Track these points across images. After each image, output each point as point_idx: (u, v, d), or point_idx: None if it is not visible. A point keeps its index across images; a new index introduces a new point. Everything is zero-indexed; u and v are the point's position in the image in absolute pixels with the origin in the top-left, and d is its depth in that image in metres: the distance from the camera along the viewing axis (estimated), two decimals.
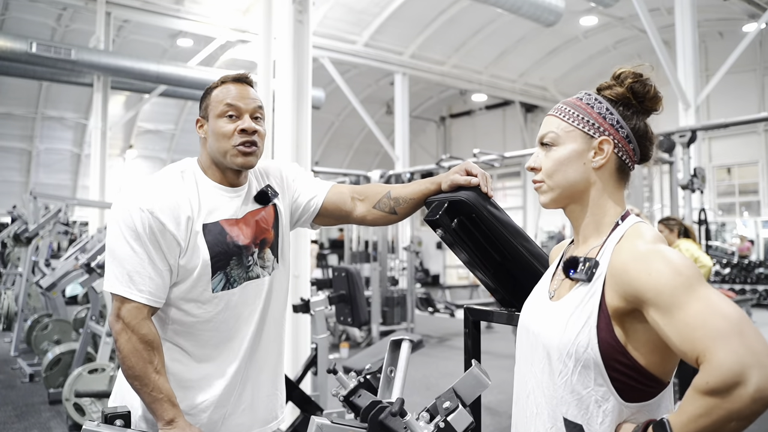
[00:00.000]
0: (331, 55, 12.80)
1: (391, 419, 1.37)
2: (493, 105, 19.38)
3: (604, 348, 1.11)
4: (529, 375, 1.26)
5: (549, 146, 1.27)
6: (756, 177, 14.38)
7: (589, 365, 1.12)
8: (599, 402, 1.12)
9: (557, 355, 1.16)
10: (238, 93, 1.63)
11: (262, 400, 1.73)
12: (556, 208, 1.30)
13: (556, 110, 1.29)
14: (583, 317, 1.14)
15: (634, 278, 1.07)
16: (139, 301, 1.52)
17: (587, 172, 1.23)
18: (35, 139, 16.80)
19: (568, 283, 1.22)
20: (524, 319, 1.32)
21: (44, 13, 12.46)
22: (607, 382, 1.11)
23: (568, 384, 1.15)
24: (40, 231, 7.37)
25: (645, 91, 1.24)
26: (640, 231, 1.17)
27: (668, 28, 10.22)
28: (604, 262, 1.15)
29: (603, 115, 1.23)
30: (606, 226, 1.23)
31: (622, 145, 1.23)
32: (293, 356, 4.46)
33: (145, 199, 1.54)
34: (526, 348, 1.29)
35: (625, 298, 1.09)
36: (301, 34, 4.74)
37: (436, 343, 8.87)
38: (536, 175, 1.29)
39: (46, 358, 5.36)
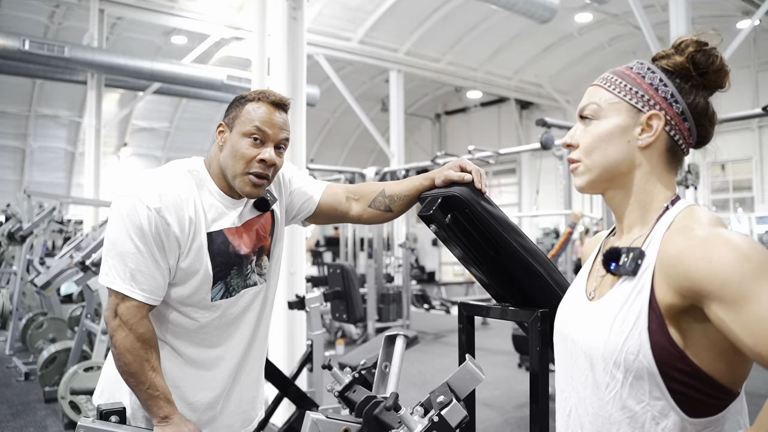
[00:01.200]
0: (325, 52, 12.78)
1: (386, 414, 1.38)
2: (488, 102, 19.38)
3: (659, 354, 0.93)
4: (570, 390, 1.11)
5: (589, 120, 1.10)
6: (750, 173, 14.42)
7: (642, 375, 0.94)
8: (656, 419, 0.95)
9: (602, 364, 0.99)
10: (271, 118, 1.56)
11: (248, 402, 1.75)
12: (593, 192, 1.14)
13: (601, 80, 1.12)
14: (630, 318, 0.96)
15: (692, 268, 0.90)
16: (140, 300, 1.50)
17: (632, 151, 1.06)
18: (29, 138, 16.73)
19: (609, 279, 1.06)
20: (560, 325, 1.16)
21: (37, 11, 12.41)
22: (665, 394, 0.94)
23: (617, 399, 0.98)
24: (34, 229, 7.35)
25: (709, 62, 1.06)
26: (695, 214, 1.01)
27: (663, 24, 10.23)
28: (652, 252, 0.99)
29: (655, 87, 1.06)
30: (653, 213, 1.06)
31: (675, 122, 1.05)
32: (288, 353, 4.46)
33: (153, 196, 1.49)
34: (565, 358, 1.13)
35: (681, 293, 0.92)
36: (295, 31, 4.74)
37: (432, 339, 8.88)
38: (572, 152, 1.13)
39: (42, 356, 5.35)
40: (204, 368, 1.64)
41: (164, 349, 1.61)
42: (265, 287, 1.71)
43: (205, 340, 1.63)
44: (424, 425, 1.23)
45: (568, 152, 1.16)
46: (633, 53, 15.00)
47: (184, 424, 1.53)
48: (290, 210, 1.82)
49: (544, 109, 17.46)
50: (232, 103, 1.62)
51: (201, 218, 1.56)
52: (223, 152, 1.59)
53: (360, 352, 3.76)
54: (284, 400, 3.24)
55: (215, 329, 1.63)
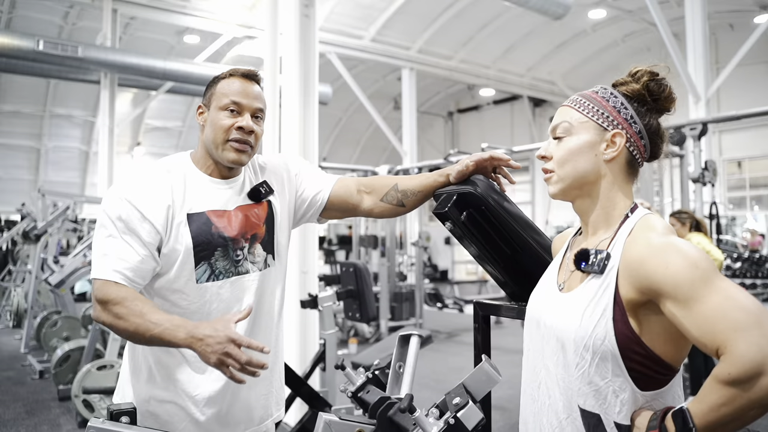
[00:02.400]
0: (338, 51, 12.77)
1: (400, 415, 1.35)
2: (501, 99, 19.30)
3: (621, 339, 1.12)
4: (540, 366, 1.27)
5: (561, 136, 1.28)
6: (767, 171, 14.26)
7: (607, 357, 1.13)
8: (617, 392, 1.13)
9: (573, 347, 1.17)
10: (243, 89, 1.64)
11: (258, 399, 1.72)
12: (564, 199, 1.31)
13: (571, 101, 1.31)
14: (598, 310, 1.15)
15: (651, 271, 1.08)
16: (103, 278, 1.50)
17: (598, 163, 1.24)
18: (43, 137, 16.86)
19: (578, 274, 1.23)
20: (533, 311, 1.33)
21: (51, 11, 12.48)
22: (624, 372, 1.13)
23: (585, 376, 1.16)
24: (48, 228, 7.39)
25: (660, 90, 1.26)
26: (651, 223, 1.18)
27: (678, 20, 10.14)
28: (616, 255, 1.17)
29: (618, 109, 1.25)
30: (616, 218, 1.24)
31: (634, 140, 1.24)
32: (301, 352, 4.45)
33: (125, 188, 1.57)
34: (536, 340, 1.30)
35: (641, 291, 1.11)
36: (307, 29, 4.72)
37: (445, 338, 8.85)
38: (546, 163, 1.30)
39: (56, 354, 5.37)
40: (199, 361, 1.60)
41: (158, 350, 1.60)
42: (260, 277, 1.68)
43: None
44: (439, 428, 1.21)
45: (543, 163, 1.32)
46: (647, 50, 14.88)
47: (210, 322, 1.44)
48: (301, 204, 1.81)
49: (557, 107, 17.05)
50: (208, 85, 1.69)
51: (181, 203, 1.59)
52: (205, 131, 1.66)
53: (373, 351, 3.73)
54: (297, 399, 3.22)
55: (206, 316, 1.60)
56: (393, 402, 1.39)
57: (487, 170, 1.61)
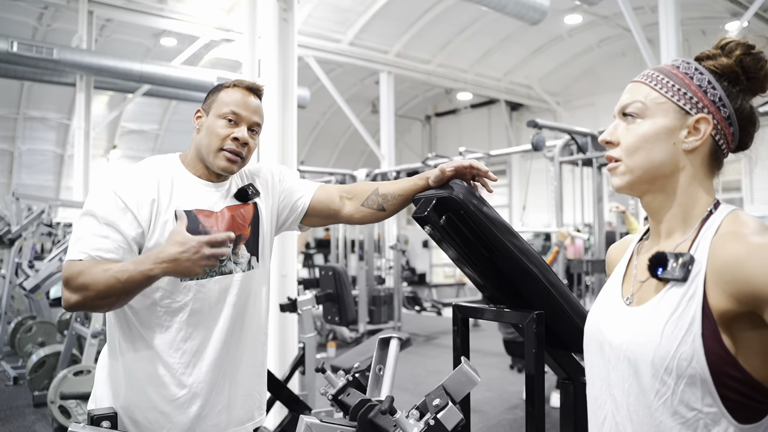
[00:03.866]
0: (316, 54, 12.76)
1: (381, 417, 1.36)
2: (478, 104, 19.39)
3: (712, 360, 0.92)
4: (605, 396, 1.08)
5: (633, 118, 1.07)
6: (739, 174, 14.51)
7: (695, 382, 0.94)
8: (708, 426, 0.94)
9: (651, 371, 0.97)
10: (244, 102, 1.68)
11: (238, 400, 1.72)
12: (631, 193, 1.11)
13: (645, 77, 1.09)
14: (683, 324, 0.95)
15: (753, 275, 0.89)
16: (72, 258, 1.49)
17: (676, 153, 1.04)
18: (17, 140, 16.58)
19: (653, 284, 1.03)
20: (594, 331, 1.13)
21: (25, 12, 12.30)
22: (716, 401, 0.93)
23: (667, 405, 0.96)
24: (23, 232, 7.27)
25: (758, 67, 1.04)
26: (743, 219, 0.99)
27: (652, 26, 10.28)
28: (701, 258, 0.97)
29: (704, 89, 1.04)
30: (696, 217, 1.04)
31: (721, 126, 1.04)
32: (280, 356, 4.44)
33: (112, 180, 1.60)
34: (600, 365, 1.10)
35: (738, 299, 0.92)
36: (286, 33, 4.72)
37: (423, 341, 8.88)
38: (611, 150, 1.09)
39: (31, 360, 5.30)
40: (180, 364, 1.61)
41: (139, 342, 1.60)
42: (242, 277, 1.69)
43: (180, 329, 1.61)
44: (419, 429, 1.22)
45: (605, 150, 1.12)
46: (622, 55, 15.07)
47: (172, 239, 1.45)
48: (283, 209, 1.83)
49: (534, 111, 17.50)
50: (210, 91, 1.74)
51: (167, 199, 1.60)
52: (200, 134, 1.70)
53: (352, 354, 3.74)
54: (277, 403, 3.22)
55: (189, 316, 1.61)
56: (373, 404, 1.40)
57: (466, 177, 1.63)
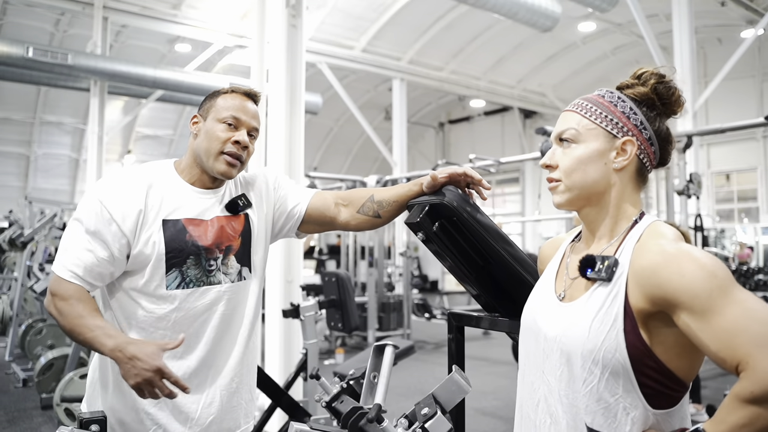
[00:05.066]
0: (329, 61, 12.81)
1: (369, 425, 1.35)
2: (491, 111, 19.39)
3: (633, 352, 1.05)
4: (540, 382, 1.20)
5: (568, 143, 1.21)
6: (755, 183, 14.36)
7: (618, 371, 1.06)
8: (627, 409, 1.06)
9: (581, 361, 1.09)
10: (244, 106, 1.69)
11: (227, 411, 1.72)
12: (570, 209, 1.24)
13: (575, 106, 1.23)
14: (608, 320, 1.08)
15: (665, 280, 1.02)
16: (59, 275, 1.55)
17: (608, 172, 1.17)
18: (33, 144, 16.77)
19: (582, 283, 1.16)
20: (531, 323, 1.25)
21: (42, 18, 12.46)
22: (635, 388, 1.06)
23: (593, 392, 1.09)
24: (35, 236, 7.35)
25: (669, 94, 1.19)
26: (661, 230, 1.13)
27: (666, 34, 10.24)
28: (625, 261, 1.10)
29: (627, 115, 1.18)
30: (622, 226, 1.18)
31: (644, 147, 1.18)
32: (284, 362, 4.43)
33: (101, 189, 1.60)
34: (535, 354, 1.22)
35: (653, 301, 1.04)
36: (294, 39, 4.74)
37: (432, 349, 8.84)
38: (552, 173, 1.22)
39: (39, 363, 5.33)
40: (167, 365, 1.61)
41: None
42: (231, 289, 1.69)
43: (165, 336, 1.61)
44: None
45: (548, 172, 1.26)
46: (636, 62, 14.95)
47: (137, 344, 1.45)
48: (279, 216, 1.82)
49: (547, 118, 17.44)
50: (206, 97, 1.73)
51: (155, 208, 1.61)
52: (198, 139, 1.69)
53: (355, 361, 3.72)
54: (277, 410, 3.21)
55: (174, 323, 1.61)
56: (364, 412, 1.39)
57: (460, 185, 1.61)
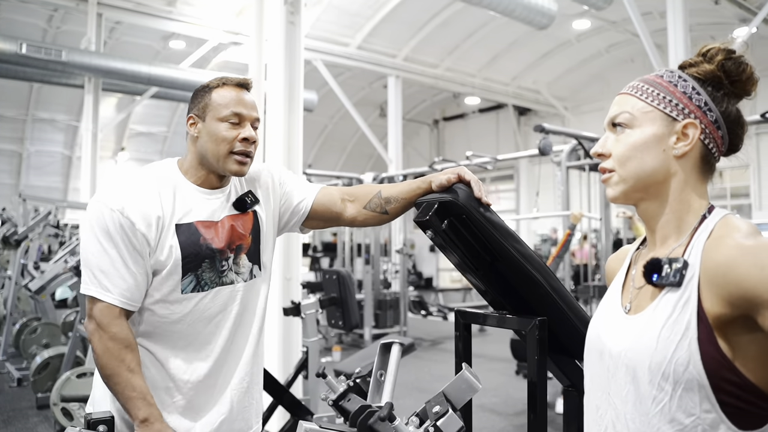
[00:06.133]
0: (324, 58, 12.78)
1: (380, 424, 1.34)
2: (486, 108, 19.38)
3: (709, 365, 0.92)
4: (606, 406, 1.08)
5: (622, 128, 1.09)
6: (747, 180, 14.42)
7: (692, 387, 0.93)
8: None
9: (649, 377, 0.97)
10: (241, 99, 1.62)
11: (240, 412, 1.71)
12: (626, 202, 1.12)
13: (631, 88, 1.11)
14: (678, 329, 0.95)
15: (744, 276, 0.90)
16: (108, 301, 1.51)
17: (667, 160, 1.06)
18: (26, 141, 16.69)
19: (649, 291, 1.04)
20: (595, 341, 1.14)
21: (35, 14, 12.38)
22: (715, 406, 0.93)
23: (665, 412, 0.96)
24: (29, 233, 7.31)
25: (740, 71, 1.06)
26: (734, 223, 1.00)
27: (661, 32, 10.24)
28: (695, 262, 0.98)
29: (689, 95, 1.06)
30: (689, 223, 1.05)
31: (709, 130, 1.06)
32: (284, 360, 4.43)
33: (115, 198, 1.53)
34: (600, 374, 1.10)
35: (731, 302, 0.92)
36: (293, 36, 4.72)
37: (429, 346, 8.85)
38: (605, 162, 1.11)
39: (35, 362, 5.30)
40: (179, 371, 1.60)
41: (142, 357, 1.58)
42: (245, 288, 1.67)
43: (179, 339, 1.60)
44: None
45: (599, 161, 1.14)
46: (631, 60, 15.02)
47: (164, 429, 1.51)
48: (284, 212, 1.80)
49: (542, 116, 17.46)
50: (197, 94, 1.66)
51: (169, 213, 1.57)
52: (200, 141, 1.62)
53: (356, 359, 3.72)
54: (278, 408, 3.20)
55: (188, 326, 1.60)
56: (373, 410, 1.38)
57: None
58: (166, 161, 1.69)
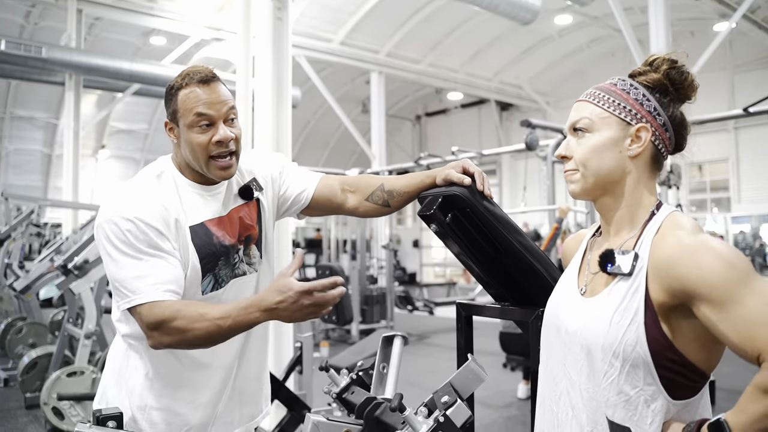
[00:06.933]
0: (307, 54, 12.74)
1: (389, 414, 1.36)
2: (468, 103, 19.45)
3: (653, 345, 1.06)
4: (561, 375, 1.22)
5: (582, 132, 1.21)
6: (726, 174, 14.63)
7: (638, 364, 1.07)
8: (648, 401, 1.08)
9: (601, 354, 1.10)
10: (207, 98, 1.51)
11: (249, 396, 1.73)
12: (586, 198, 1.25)
13: (588, 96, 1.23)
14: (628, 314, 1.09)
15: (683, 272, 1.03)
16: (152, 300, 1.42)
17: (623, 160, 1.18)
18: (4, 140, 16.47)
19: (603, 277, 1.17)
20: (552, 318, 1.27)
21: (12, 10, 12.21)
22: (656, 380, 1.07)
23: (614, 385, 1.10)
24: (12, 233, 7.23)
25: (682, 79, 1.20)
26: (679, 221, 1.13)
27: (642, 26, 10.35)
28: (644, 255, 1.11)
29: (640, 102, 1.19)
30: (641, 217, 1.18)
31: (659, 133, 1.18)
32: (276, 355, 4.43)
33: (129, 208, 1.48)
34: (557, 348, 1.24)
35: (672, 294, 1.05)
36: (280, 32, 4.72)
37: (416, 340, 8.88)
38: (567, 163, 1.24)
39: (22, 362, 5.25)
40: (200, 366, 1.61)
41: (158, 353, 1.57)
42: (256, 277, 1.68)
43: None
44: (429, 426, 1.22)
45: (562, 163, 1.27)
46: (612, 55, 15.17)
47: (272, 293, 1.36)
48: (283, 202, 1.79)
49: (524, 111, 17.56)
50: (166, 97, 1.57)
51: (182, 215, 1.54)
52: (182, 148, 1.57)
53: (348, 354, 3.74)
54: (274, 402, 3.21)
55: None
56: (380, 402, 1.41)
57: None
58: (161, 161, 1.64)
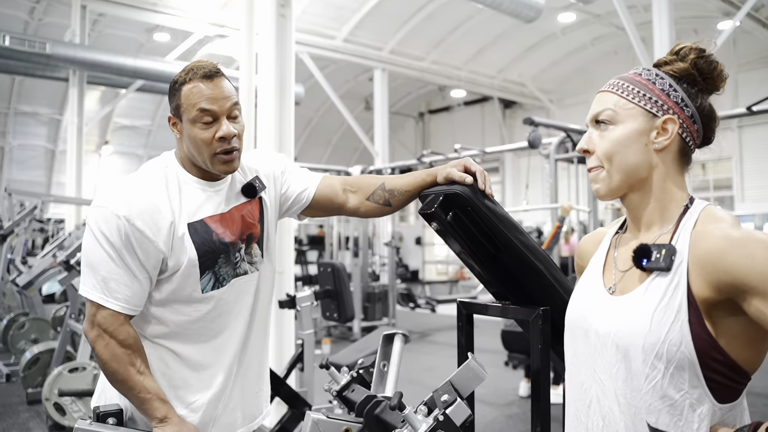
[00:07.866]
0: (310, 51, 12.73)
1: (389, 413, 1.36)
2: (471, 101, 19.43)
3: (699, 344, 0.99)
4: (591, 381, 1.14)
5: (605, 125, 1.14)
6: (730, 172, 14.60)
7: (683, 365, 1.00)
8: (694, 405, 1.01)
9: (642, 356, 1.03)
10: (211, 94, 1.52)
11: (249, 397, 1.73)
12: (613, 197, 1.17)
13: (611, 86, 1.16)
14: (671, 312, 1.01)
15: (733, 265, 0.97)
16: (113, 309, 1.49)
17: (649, 153, 1.11)
18: (8, 135, 16.49)
19: (635, 275, 1.10)
20: (579, 319, 1.19)
21: (16, 6, 12.21)
22: (701, 382, 1.00)
23: (657, 389, 1.02)
24: (15, 228, 7.24)
25: (711, 68, 1.14)
26: (717, 214, 1.07)
27: (646, 25, 10.32)
28: (683, 249, 1.04)
29: (666, 92, 1.12)
30: (673, 212, 1.12)
31: (686, 125, 1.12)
32: (278, 352, 4.44)
33: (122, 204, 1.48)
34: (585, 352, 1.16)
35: (719, 288, 0.99)
36: (283, 29, 4.72)
37: (418, 338, 8.88)
38: (590, 159, 1.17)
39: (24, 357, 5.27)
40: (200, 367, 1.61)
41: (158, 351, 1.58)
42: (257, 276, 1.68)
43: (200, 337, 1.60)
44: (429, 424, 1.22)
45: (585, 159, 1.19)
46: (615, 53, 15.13)
47: (182, 424, 1.52)
48: (285, 201, 1.78)
49: (527, 109, 17.54)
50: (170, 91, 1.58)
51: (180, 213, 1.54)
52: (184, 143, 1.58)
53: (349, 351, 3.74)
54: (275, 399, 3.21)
55: (209, 323, 1.60)
56: (380, 400, 1.41)
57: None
58: (164, 157, 1.64)
